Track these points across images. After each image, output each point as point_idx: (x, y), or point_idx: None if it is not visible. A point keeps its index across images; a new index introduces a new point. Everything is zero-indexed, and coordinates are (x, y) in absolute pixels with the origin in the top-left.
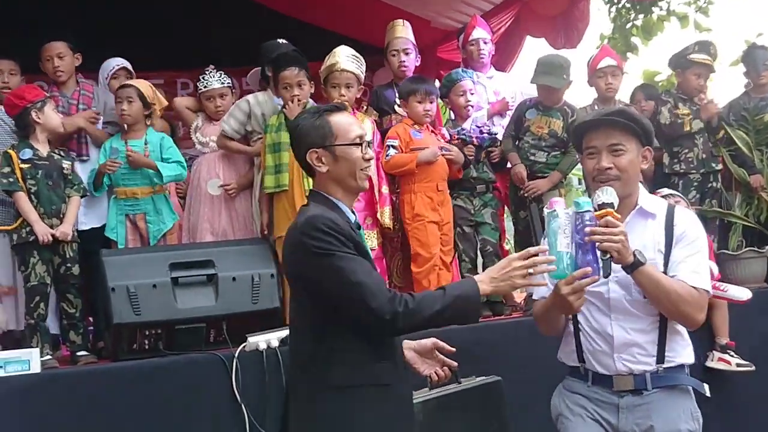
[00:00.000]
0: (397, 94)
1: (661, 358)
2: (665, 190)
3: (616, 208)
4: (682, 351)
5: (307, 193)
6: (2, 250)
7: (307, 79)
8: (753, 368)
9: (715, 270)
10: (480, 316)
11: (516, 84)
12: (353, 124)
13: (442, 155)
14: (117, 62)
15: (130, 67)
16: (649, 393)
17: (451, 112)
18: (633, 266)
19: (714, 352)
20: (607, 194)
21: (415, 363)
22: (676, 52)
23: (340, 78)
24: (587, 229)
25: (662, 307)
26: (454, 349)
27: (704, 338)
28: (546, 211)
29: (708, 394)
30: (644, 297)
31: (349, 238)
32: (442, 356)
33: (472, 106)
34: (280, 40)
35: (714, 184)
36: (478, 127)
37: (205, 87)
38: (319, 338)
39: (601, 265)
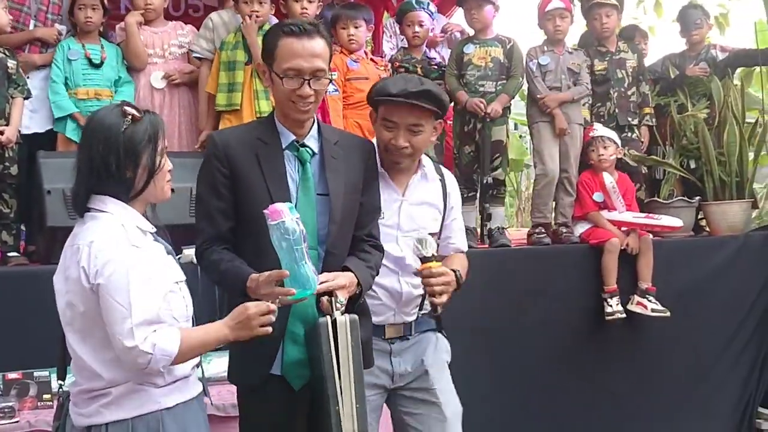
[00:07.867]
0: None
1: (421, 307)
2: (599, 128)
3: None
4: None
5: (257, 115)
6: None
7: None
8: (668, 314)
9: None
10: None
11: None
12: (298, 57)
13: None
14: None
15: None
16: (412, 336)
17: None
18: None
19: (635, 295)
20: (428, 246)
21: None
22: None
23: None
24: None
25: None
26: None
27: (628, 281)
28: (270, 223)
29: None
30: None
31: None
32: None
33: (419, 38)
34: None
35: (629, 134)
36: (428, 58)
37: None
38: None
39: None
